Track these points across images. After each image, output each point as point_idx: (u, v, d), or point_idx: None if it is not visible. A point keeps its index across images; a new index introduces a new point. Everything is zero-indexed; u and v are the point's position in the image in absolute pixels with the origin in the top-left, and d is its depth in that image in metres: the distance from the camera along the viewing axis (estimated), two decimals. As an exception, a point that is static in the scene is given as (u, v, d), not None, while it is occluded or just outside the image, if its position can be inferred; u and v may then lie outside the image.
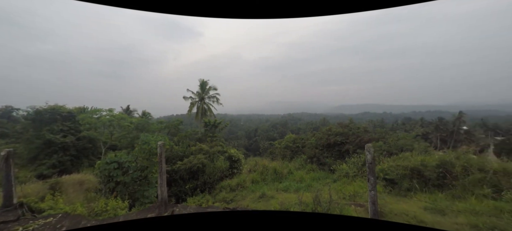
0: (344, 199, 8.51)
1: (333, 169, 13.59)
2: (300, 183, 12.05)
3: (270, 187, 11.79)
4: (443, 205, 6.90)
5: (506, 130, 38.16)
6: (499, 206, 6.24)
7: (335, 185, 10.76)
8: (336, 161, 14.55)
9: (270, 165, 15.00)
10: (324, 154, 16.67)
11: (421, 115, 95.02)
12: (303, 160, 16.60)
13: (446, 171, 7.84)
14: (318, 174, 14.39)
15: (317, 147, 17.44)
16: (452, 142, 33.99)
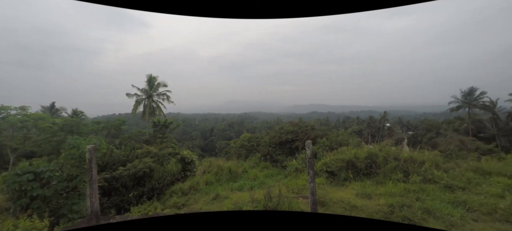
0: (293, 192, 9.19)
1: (284, 165, 14.46)
2: (254, 181, 12.40)
3: (225, 187, 11.76)
4: (370, 190, 8.23)
5: (415, 126, 48.12)
6: (407, 187, 7.84)
7: (286, 180, 11.48)
8: (287, 157, 15.53)
9: (225, 165, 14.94)
10: (276, 152, 17.57)
11: (357, 114, 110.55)
12: (257, 158, 17.13)
13: (372, 161, 9.35)
14: (271, 171, 15.09)
15: (271, 145, 18.25)
16: (378, 137, 40.68)
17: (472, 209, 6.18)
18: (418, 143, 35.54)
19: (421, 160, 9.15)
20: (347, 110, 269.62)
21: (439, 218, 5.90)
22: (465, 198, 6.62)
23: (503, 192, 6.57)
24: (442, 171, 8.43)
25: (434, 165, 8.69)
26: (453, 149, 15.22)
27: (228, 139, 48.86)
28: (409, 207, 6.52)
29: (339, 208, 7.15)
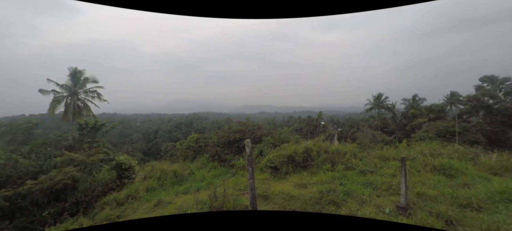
0: (239, 190, 9.37)
1: (232, 164, 14.56)
2: (201, 182, 12.01)
3: (169, 192, 10.97)
4: (306, 181, 9.20)
5: (343, 124, 56.72)
6: (333, 174, 9.14)
7: (233, 178, 11.59)
8: (235, 156, 15.68)
9: (170, 168, 13.93)
10: (225, 151, 17.50)
11: (298, 114, 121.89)
12: (205, 159, 16.66)
13: (308, 155, 10.48)
14: (219, 170, 14.93)
15: (219, 145, 18.05)
16: (315, 133, 45.97)
17: (377, 187, 7.72)
18: (344, 138, 41.96)
19: (344, 151, 10.82)
20: (291, 110, 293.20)
21: (355, 197, 7.13)
22: (372, 179, 8.20)
23: (395, 172, 8.47)
24: (358, 159, 10.20)
25: (353, 155, 10.43)
26: (367, 141, 18.63)
27: (175, 140, 45.60)
28: (334, 191, 7.63)
29: (280, 199, 7.73)
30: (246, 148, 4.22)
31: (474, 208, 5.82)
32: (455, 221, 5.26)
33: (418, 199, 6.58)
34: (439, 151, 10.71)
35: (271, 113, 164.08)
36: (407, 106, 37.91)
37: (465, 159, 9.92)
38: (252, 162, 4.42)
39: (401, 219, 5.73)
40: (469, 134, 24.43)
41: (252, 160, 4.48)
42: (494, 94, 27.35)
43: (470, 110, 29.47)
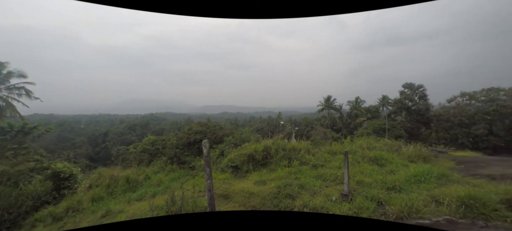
0: (199, 191, 9.08)
1: (192, 165, 13.98)
2: (157, 187, 11.17)
3: (120, 200, 9.86)
4: (265, 178, 9.52)
5: (300, 123, 60.81)
6: (290, 170, 9.71)
7: (194, 180, 11.15)
8: (195, 157, 15.10)
9: (122, 174, 12.53)
10: (185, 153, 16.67)
11: (260, 114, 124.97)
12: (163, 162, 15.55)
13: (267, 153, 10.86)
14: (178, 173, 14.14)
15: (178, 147, 17.09)
16: (275, 132, 47.95)
17: (326, 179, 8.54)
18: (301, 136, 45.01)
19: (299, 148, 11.60)
20: (253, 111, 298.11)
21: (308, 189, 7.73)
22: (323, 172, 9.04)
23: (340, 165, 9.54)
24: (311, 155, 11.09)
25: (307, 151, 11.28)
26: (319, 138, 20.41)
27: (128, 143, 41.05)
28: (290, 185, 8.12)
29: (240, 197, 7.80)
30: (204, 149, 4.12)
31: (397, 189, 7.02)
32: (384, 202, 6.24)
33: (358, 186, 7.56)
34: (374, 144, 12.51)
35: (234, 114, 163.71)
36: (351, 107, 43.11)
37: (391, 150, 11.84)
38: (209, 162, 4.36)
39: (345, 205, 6.49)
40: (395, 130, 29.30)
41: (210, 160, 4.42)
42: (412, 98, 33.53)
43: (396, 111, 35.41)
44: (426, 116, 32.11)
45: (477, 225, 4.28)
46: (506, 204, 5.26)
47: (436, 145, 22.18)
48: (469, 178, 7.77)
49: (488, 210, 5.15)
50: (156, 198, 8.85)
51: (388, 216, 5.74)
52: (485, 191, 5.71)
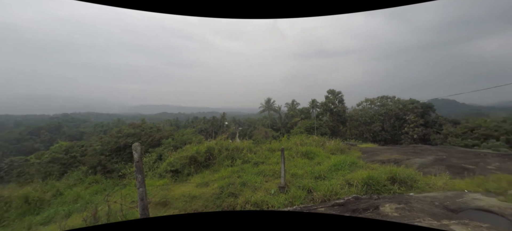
0: (132, 202, 7.93)
1: (123, 173, 12.07)
2: (74, 204, 9.05)
3: (15, 228, 7.44)
4: (208, 179, 9.24)
5: (243, 123, 62.41)
6: (233, 169, 9.79)
7: (125, 190, 9.64)
8: (127, 164, 13.11)
9: (17, 193, 9.49)
10: (112, 160, 14.20)
11: (204, 115, 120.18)
12: (81, 173, 12.70)
13: (210, 154, 10.59)
14: (103, 184, 11.92)
15: (104, 153, 14.39)
16: (219, 133, 47.42)
17: (266, 174, 9.08)
18: (244, 135, 46.17)
19: (242, 147, 11.88)
20: (196, 111, 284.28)
21: (250, 186, 8.01)
22: (263, 169, 9.56)
23: (278, 160, 10.36)
24: (253, 153, 11.55)
25: (249, 150, 11.67)
26: (260, 137, 21.52)
27: (28, 152, 31.25)
28: (233, 184, 8.20)
29: (180, 202, 7.28)
30: (134, 153, 3.61)
31: (322, 178, 8.23)
32: (312, 189, 7.19)
33: (292, 178, 8.40)
34: (305, 141, 14.24)
35: (175, 114, 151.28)
36: (288, 109, 47.62)
37: (319, 145, 13.78)
38: (142, 168, 3.87)
39: (281, 196, 7.09)
40: (322, 128, 34.39)
41: (142, 166, 3.93)
42: (334, 102, 40.23)
43: (322, 112, 41.60)
44: (343, 117, 39.16)
45: (373, 198, 5.56)
46: (390, 180, 7.05)
47: (349, 139, 27.30)
48: (369, 163, 9.97)
49: (380, 186, 6.77)
50: (71, 218, 7.15)
51: (316, 200, 6.66)
52: (378, 172, 7.46)
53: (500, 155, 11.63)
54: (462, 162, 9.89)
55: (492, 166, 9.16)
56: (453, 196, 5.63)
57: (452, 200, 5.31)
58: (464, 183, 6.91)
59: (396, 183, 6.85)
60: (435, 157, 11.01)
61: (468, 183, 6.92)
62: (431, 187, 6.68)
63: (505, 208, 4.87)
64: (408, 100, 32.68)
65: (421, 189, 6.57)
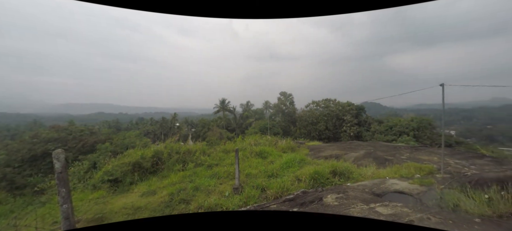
0: (54, 223, 6.46)
1: (39, 188, 9.73)
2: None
3: None
4: (155, 186, 8.40)
5: (197, 124, 59.54)
6: (184, 174, 9.22)
7: (44, 209, 7.82)
8: (46, 176, 10.65)
9: None
10: (24, 172, 11.29)
11: (151, 115, 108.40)
12: (-30, 193, 9.57)
13: (158, 159, 9.67)
14: (10, 205, 9.33)
15: (11, 164, 11.29)
16: (170, 135, 43.87)
17: (220, 177, 8.91)
18: (198, 137, 44.14)
19: (195, 150, 11.32)
20: (142, 111, 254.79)
21: (203, 190, 7.69)
22: (217, 171, 9.35)
23: (232, 161, 10.34)
24: (206, 155, 11.16)
25: (202, 152, 11.22)
26: (214, 139, 21.01)
27: None
28: (185, 189, 7.71)
29: (120, 216, 6.36)
30: (56, 163, 2.88)
31: (275, 176, 8.65)
32: (266, 188, 7.46)
33: (247, 178, 8.51)
34: (259, 141, 14.69)
35: (114, 115, 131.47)
36: (243, 110, 48.20)
37: (271, 144, 14.45)
38: (66, 180, 3.17)
39: (236, 197, 7.08)
40: (274, 128, 36.23)
41: (67, 177, 3.23)
42: (285, 103, 43.03)
43: (275, 113, 43.89)
44: (294, 117, 42.30)
45: (318, 190, 6.19)
46: (332, 173, 8.00)
47: (299, 138, 29.69)
48: (316, 159, 11.07)
49: (324, 179, 7.59)
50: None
51: (269, 198, 6.94)
52: (323, 167, 8.36)
53: (409, 147, 14.82)
54: (384, 154, 12.12)
55: (404, 156, 11.57)
56: (379, 182, 6.84)
57: (378, 186, 6.44)
58: (386, 171, 8.48)
59: (336, 176, 7.82)
60: (365, 151, 13.13)
61: (388, 171, 8.53)
62: (363, 177, 7.92)
63: (413, 189, 6.22)
64: (346, 103, 38.01)
65: (356, 179, 7.70)
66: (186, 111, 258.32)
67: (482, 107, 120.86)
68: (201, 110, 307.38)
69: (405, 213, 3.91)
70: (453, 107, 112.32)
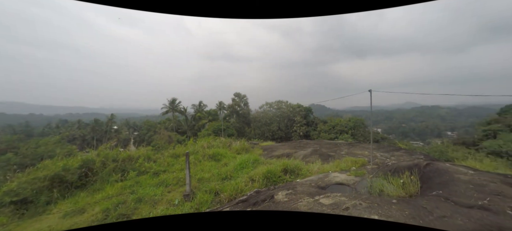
0: None
1: None
2: None
3: None
4: (84, 203, 7.14)
5: (140, 127, 53.46)
6: (124, 184, 8.15)
7: None
8: None
9: None
10: None
11: (80, 117, 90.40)
12: None
13: (88, 170, 8.23)
14: None
15: None
16: (105, 140, 37.90)
17: (168, 184, 8.27)
18: (142, 141, 39.65)
19: (137, 156, 10.16)
20: (64, 111, 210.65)
21: (147, 202, 6.98)
22: (165, 178, 8.66)
23: (182, 166, 9.78)
24: (152, 162, 10.18)
25: (146, 159, 10.17)
26: (162, 143, 19.35)
27: None
28: (124, 203, 6.83)
29: (31, 246, 5.12)
30: None
31: (229, 178, 8.62)
32: (219, 191, 7.35)
33: (199, 184, 8.19)
34: (212, 143, 14.36)
35: (24, 116, 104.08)
36: (195, 110, 46.07)
37: (225, 146, 14.35)
38: None
39: (187, 205, 6.72)
40: (229, 130, 36.08)
41: None
42: (240, 104, 43.48)
43: (229, 114, 43.77)
44: (248, 118, 43.16)
45: (270, 189, 6.51)
46: (283, 171, 8.53)
47: (253, 139, 30.47)
48: (269, 159, 11.60)
49: (276, 177, 8.03)
50: None
51: (223, 201, 6.86)
52: (275, 166, 8.84)
53: (348, 144, 17.25)
54: (328, 150, 13.75)
55: (343, 151, 13.40)
56: (323, 177, 7.70)
57: (322, 180, 7.25)
58: (329, 166, 9.63)
59: (288, 173, 8.41)
60: (312, 148, 14.58)
61: (331, 165, 9.72)
62: (310, 172, 8.77)
63: (349, 180, 7.28)
64: (296, 104, 41.30)
65: (304, 175, 8.46)
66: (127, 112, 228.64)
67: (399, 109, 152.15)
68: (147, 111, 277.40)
69: (342, 202, 4.56)
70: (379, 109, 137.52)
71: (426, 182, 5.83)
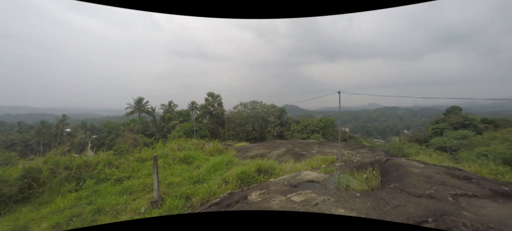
0: None
1: None
2: None
3: None
4: (27, 219, 6.23)
5: (99, 129, 48.58)
6: (79, 194, 7.33)
7: None
8: None
9: None
10: None
11: (22, 117, 78.26)
12: None
13: (32, 180, 7.21)
14: None
15: None
16: (56, 145, 33.60)
17: (133, 191, 7.69)
18: (101, 145, 36.11)
19: (96, 162, 9.23)
20: (2, 112, 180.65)
21: (108, 212, 6.39)
22: (129, 184, 8.03)
23: (150, 171, 9.21)
24: (114, 167, 9.36)
25: (107, 164, 9.31)
26: (126, 146, 17.93)
27: None
28: (79, 215, 6.15)
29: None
30: None
31: (201, 181, 8.37)
32: (191, 195, 7.10)
33: (169, 189, 7.79)
34: (184, 145, 13.81)
35: None
36: (164, 111, 43.69)
37: (198, 148, 13.93)
38: None
39: (155, 212, 6.34)
40: (201, 131, 35.08)
41: None
42: (213, 104, 42.61)
43: (202, 114, 42.58)
44: (222, 119, 42.54)
45: (244, 190, 6.53)
46: (257, 172, 8.61)
47: (227, 140, 30.14)
48: (243, 160, 11.60)
49: (250, 178, 8.08)
50: None
51: (195, 206, 6.64)
52: (249, 166, 8.87)
53: (319, 143, 18.18)
54: (301, 150, 14.31)
55: (315, 150, 14.09)
56: (295, 175, 8.00)
57: (294, 178, 7.53)
58: (301, 165, 10.03)
59: (261, 173, 8.52)
60: (286, 148, 15.03)
61: (303, 164, 10.13)
62: (283, 171, 9.02)
63: (320, 177, 7.68)
64: (270, 105, 42.10)
65: (278, 175, 8.67)
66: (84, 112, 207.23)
67: (364, 110, 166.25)
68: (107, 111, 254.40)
69: (313, 198, 4.80)
70: (347, 110, 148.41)
71: (385, 176, 6.47)
